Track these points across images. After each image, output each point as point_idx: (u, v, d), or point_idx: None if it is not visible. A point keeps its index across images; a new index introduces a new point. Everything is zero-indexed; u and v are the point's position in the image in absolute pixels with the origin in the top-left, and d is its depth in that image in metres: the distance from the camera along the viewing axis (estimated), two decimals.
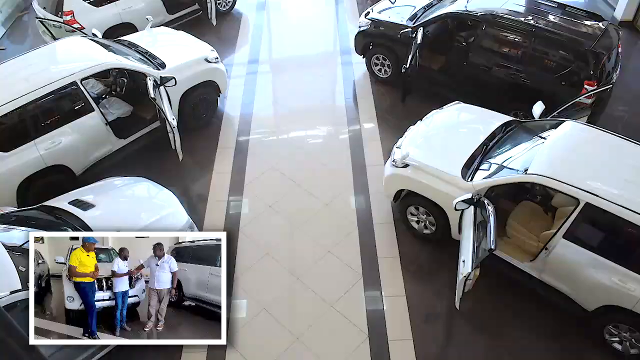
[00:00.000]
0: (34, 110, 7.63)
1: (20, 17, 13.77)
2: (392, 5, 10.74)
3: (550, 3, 9.44)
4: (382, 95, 10.41)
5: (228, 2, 13.11)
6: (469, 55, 9.21)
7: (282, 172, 8.80)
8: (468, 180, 6.70)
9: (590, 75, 8.20)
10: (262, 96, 10.71)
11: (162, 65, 8.86)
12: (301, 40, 12.47)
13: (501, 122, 7.60)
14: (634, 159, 6.47)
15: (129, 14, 11.29)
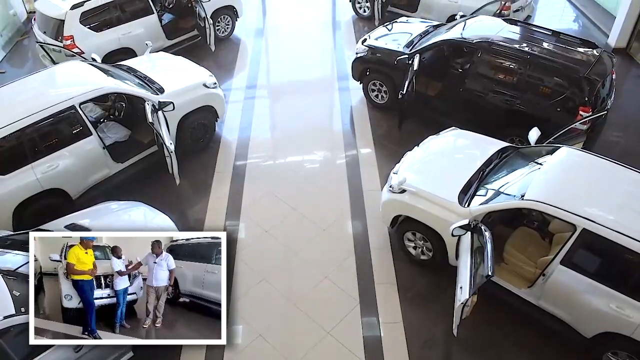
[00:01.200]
0: (32, 133, 7.64)
1: (20, 41, 13.91)
2: (389, 32, 10.90)
3: (544, 31, 9.58)
4: (379, 121, 10.48)
5: (227, 28, 13.27)
6: (465, 82, 9.29)
7: (279, 197, 8.80)
8: (465, 206, 6.71)
9: (585, 101, 8.27)
10: (260, 121, 10.76)
11: (161, 90, 8.91)
12: (299, 65, 12.58)
13: (497, 148, 7.63)
14: (630, 184, 6.49)
15: (128, 39, 11.38)
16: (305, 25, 14.33)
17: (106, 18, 11.19)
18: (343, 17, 14.54)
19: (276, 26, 14.37)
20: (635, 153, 9.44)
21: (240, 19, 13.53)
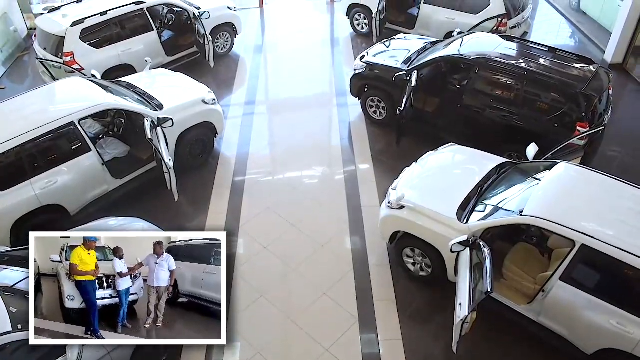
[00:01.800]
0: (31, 149, 7.66)
1: (21, 57, 13.99)
2: (387, 49, 10.97)
3: (541, 47, 9.64)
4: (377, 137, 10.50)
5: (226, 44, 13.36)
6: (463, 98, 9.33)
7: (277, 212, 8.79)
8: (463, 222, 6.70)
9: (582, 117, 8.30)
10: (259, 137, 10.79)
11: (160, 106, 8.95)
12: (298, 82, 12.65)
13: (495, 164, 7.65)
14: (628, 200, 6.50)
15: (128, 55, 11.44)
16: (304, 42, 14.43)
17: (106, 35, 11.27)
18: (341, 34, 14.67)
19: (275, 43, 14.48)
20: (633, 168, 9.48)
21: (240, 36, 13.64)
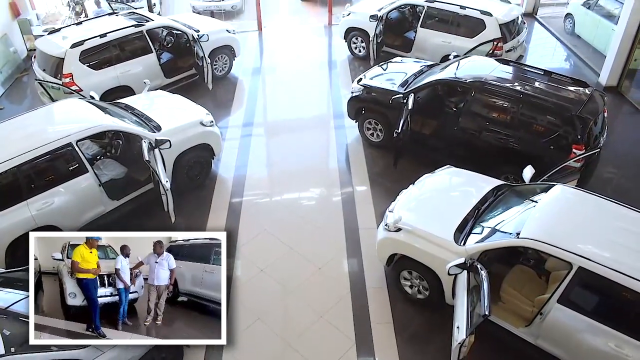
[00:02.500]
0: (28, 170, 7.67)
1: (20, 78, 14.06)
2: (384, 71, 11.07)
3: (536, 70, 9.75)
4: (375, 159, 10.53)
5: (224, 67, 13.47)
6: (459, 120, 9.39)
7: (274, 234, 8.76)
8: (461, 244, 6.69)
9: (578, 139, 8.36)
10: (256, 158, 10.82)
11: (158, 127, 8.99)
12: (295, 104, 12.72)
13: (492, 186, 7.67)
14: (624, 222, 6.50)
15: (127, 77, 11.50)
16: (302, 64, 14.56)
17: (105, 56, 11.36)
18: (339, 56, 14.82)
19: (273, 65, 14.61)
20: (629, 190, 9.52)
21: (238, 58, 13.76)
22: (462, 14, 12.41)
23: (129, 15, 12.53)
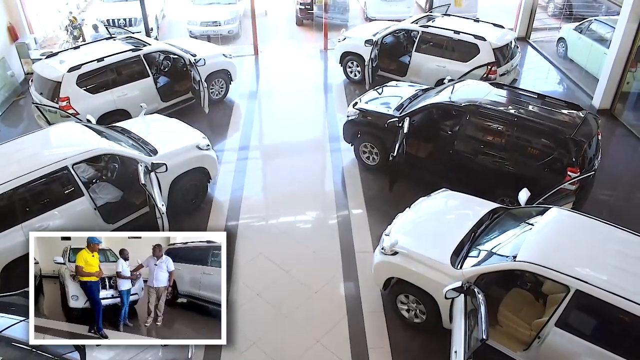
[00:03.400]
0: (23, 193, 7.65)
1: (17, 101, 14.07)
2: (379, 95, 11.17)
3: (530, 94, 9.86)
4: (370, 182, 10.55)
5: (220, 91, 13.53)
6: (455, 144, 9.44)
7: (270, 258, 8.72)
8: (457, 267, 6.68)
9: (573, 162, 8.41)
10: (252, 182, 10.82)
11: (154, 151, 9.00)
12: (291, 127, 12.77)
13: (488, 209, 7.68)
14: (621, 244, 6.53)
15: (123, 101, 11.53)
16: (298, 88, 14.65)
17: (103, 80, 11.38)
18: (334, 80, 14.92)
19: (269, 89, 14.70)
20: (624, 212, 9.56)
21: (234, 82, 13.82)
22: (456, 38, 12.57)
23: (126, 39, 12.59)
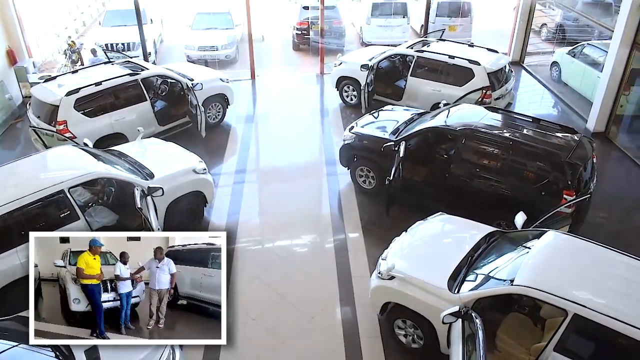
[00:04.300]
0: (19, 217, 7.62)
1: (14, 124, 14.08)
2: (375, 119, 11.23)
3: (525, 117, 9.93)
4: (367, 206, 10.54)
5: (218, 115, 13.57)
6: (451, 167, 9.47)
7: (266, 283, 8.67)
8: (455, 292, 6.64)
9: (568, 185, 8.45)
10: (248, 206, 10.80)
11: (151, 175, 9.01)
12: (288, 151, 12.80)
13: (485, 233, 7.68)
14: (618, 268, 6.53)
15: (121, 124, 11.56)
16: (295, 112, 14.72)
17: (100, 104, 11.42)
18: (331, 104, 15.01)
19: (266, 113, 14.77)
20: (620, 234, 9.57)
21: (231, 106, 13.88)
22: (451, 63, 12.69)
23: (124, 64, 12.69)
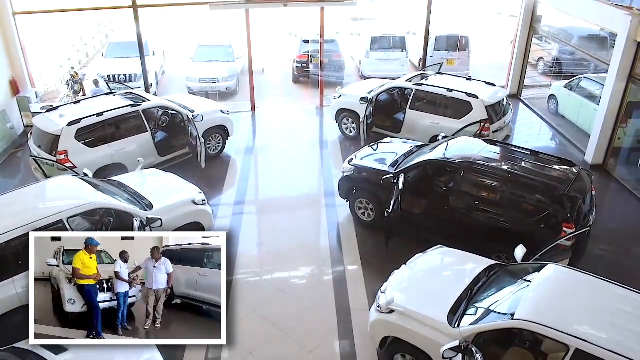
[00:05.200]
0: (16, 247, 7.55)
1: (14, 153, 14.11)
2: (374, 152, 11.28)
3: (523, 150, 9.99)
4: (366, 238, 10.50)
5: (217, 146, 13.64)
6: (450, 200, 9.47)
7: (264, 315, 8.57)
8: (455, 326, 6.57)
9: (568, 218, 8.44)
10: (247, 237, 10.77)
11: (150, 206, 9.01)
12: (287, 183, 12.81)
13: (485, 266, 7.64)
14: (619, 302, 6.49)
15: (121, 155, 11.60)
16: (294, 144, 14.78)
17: (101, 134, 11.48)
18: (330, 137, 15.10)
19: (266, 145, 14.83)
20: (621, 267, 9.53)
21: (231, 138, 13.96)
22: (449, 96, 12.80)
23: (126, 95, 12.80)
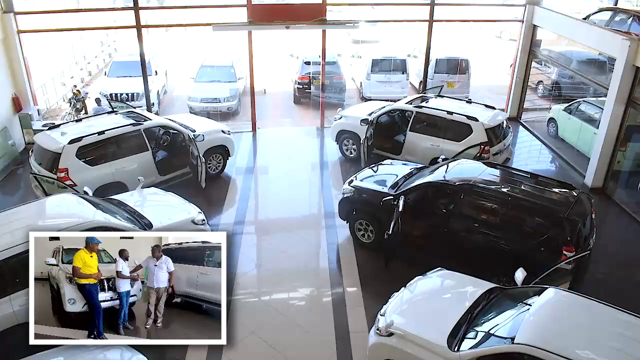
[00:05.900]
0: (14, 265, 7.49)
1: (15, 170, 14.12)
2: (375, 173, 11.30)
3: (523, 173, 10.00)
4: (366, 260, 10.45)
5: (218, 166, 13.67)
6: (449, 222, 9.46)
7: (262, 337, 8.49)
8: (454, 349, 6.52)
9: (568, 241, 8.43)
10: (246, 258, 10.71)
11: (149, 225, 8.99)
12: (287, 203, 12.80)
13: (485, 289, 7.60)
14: (619, 326, 6.46)
15: (121, 173, 11.60)
16: (295, 165, 14.81)
17: (102, 153, 11.51)
18: (330, 158, 15.13)
19: (266, 165, 14.86)
20: (621, 291, 9.46)
21: (232, 158, 13.99)
22: (449, 118, 12.86)
23: (127, 113, 12.84)
